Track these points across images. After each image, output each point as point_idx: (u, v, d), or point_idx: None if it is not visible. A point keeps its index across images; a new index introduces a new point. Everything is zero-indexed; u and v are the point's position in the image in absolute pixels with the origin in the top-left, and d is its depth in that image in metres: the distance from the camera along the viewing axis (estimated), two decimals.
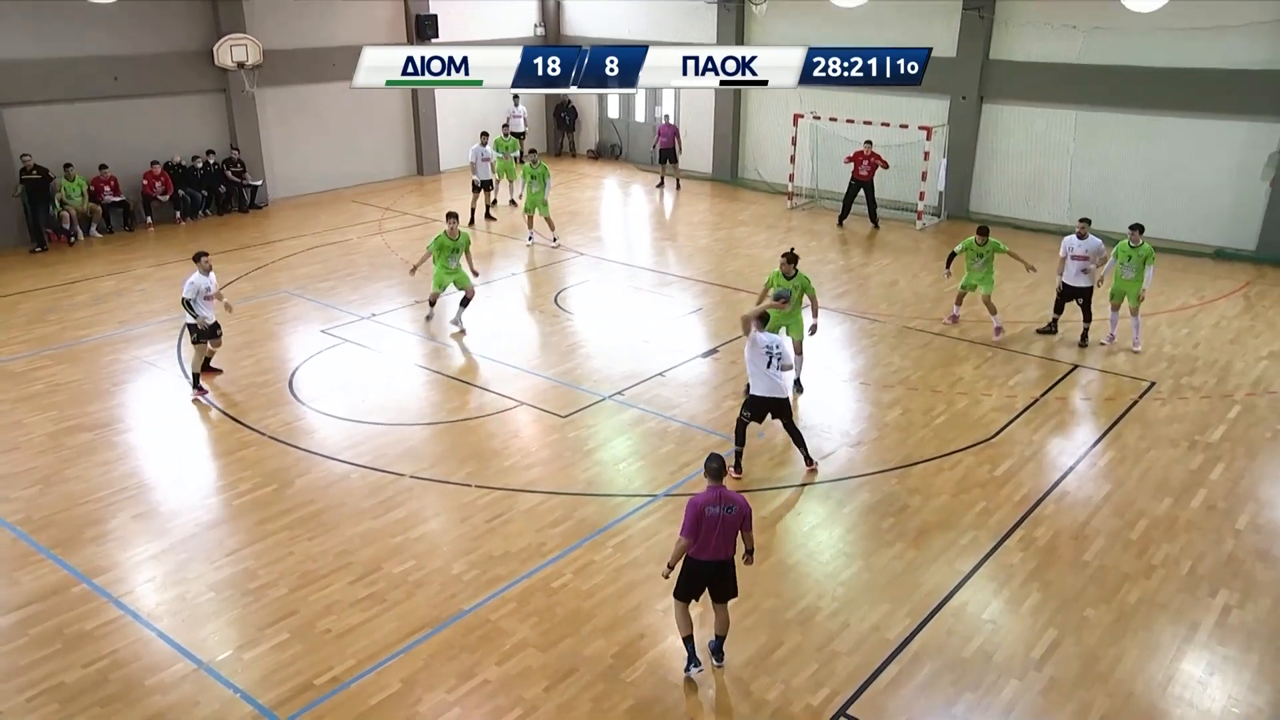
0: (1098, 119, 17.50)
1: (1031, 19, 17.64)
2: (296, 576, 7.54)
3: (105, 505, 8.52)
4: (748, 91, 21.90)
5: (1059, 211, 18.14)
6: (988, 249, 12.46)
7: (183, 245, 16.70)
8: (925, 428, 10.18)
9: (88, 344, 12.21)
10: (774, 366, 8.65)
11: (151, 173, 17.68)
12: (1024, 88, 18.05)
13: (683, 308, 13.91)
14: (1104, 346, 12.31)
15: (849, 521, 8.48)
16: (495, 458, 9.45)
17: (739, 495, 6.29)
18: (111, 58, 17.00)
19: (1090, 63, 17.16)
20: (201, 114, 18.63)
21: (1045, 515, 8.53)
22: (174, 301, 13.56)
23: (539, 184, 16.49)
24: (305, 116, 20.22)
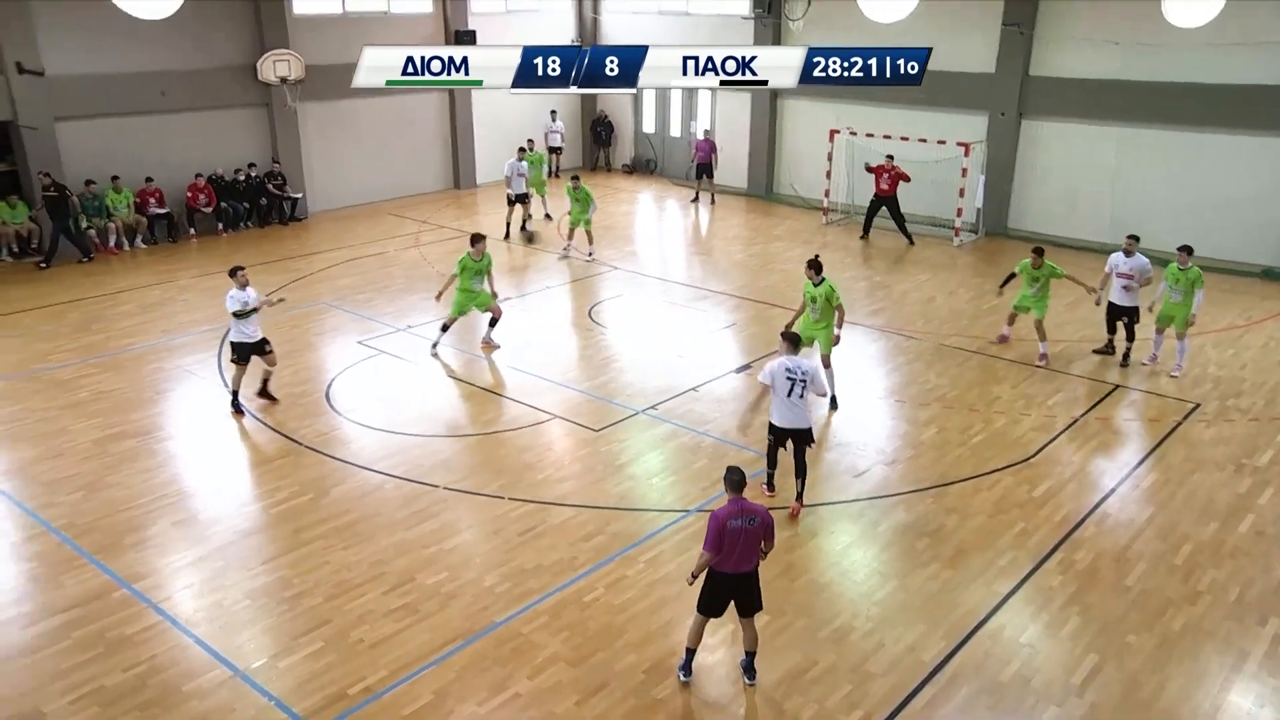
0: (1140, 135, 17.27)
1: (1072, 34, 17.48)
2: (331, 586, 7.62)
3: (146, 512, 8.68)
4: (784, 106, 21.92)
5: (1100, 229, 17.89)
6: (1043, 272, 12.14)
7: (224, 256, 17.02)
8: (962, 446, 10.07)
9: (132, 352, 12.47)
10: (795, 394, 8.23)
11: (195, 185, 18.06)
12: (1064, 104, 17.87)
13: (716, 323, 13.90)
14: (1145, 367, 12.10)
15: (884, 540, 8.40)
16: (528, 471, 9.50)
17: (760, 506, 6.31)
18: (159, 73, 17.42)
19: (1133, 79, 16.96)
20: (244, 128, 19.01)
21: (1086, 538, 8.38)
22: (215, 312, 13.83)
23: (581, 207, 16.56)
24: (345, 130, 20.56)
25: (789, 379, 8.23)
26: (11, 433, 10.19)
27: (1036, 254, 12.24)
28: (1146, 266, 11.96)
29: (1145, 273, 11.95)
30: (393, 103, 21.05)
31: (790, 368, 8.24)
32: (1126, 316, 12.10)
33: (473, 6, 21.97)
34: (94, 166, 16.94)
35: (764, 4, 20.73)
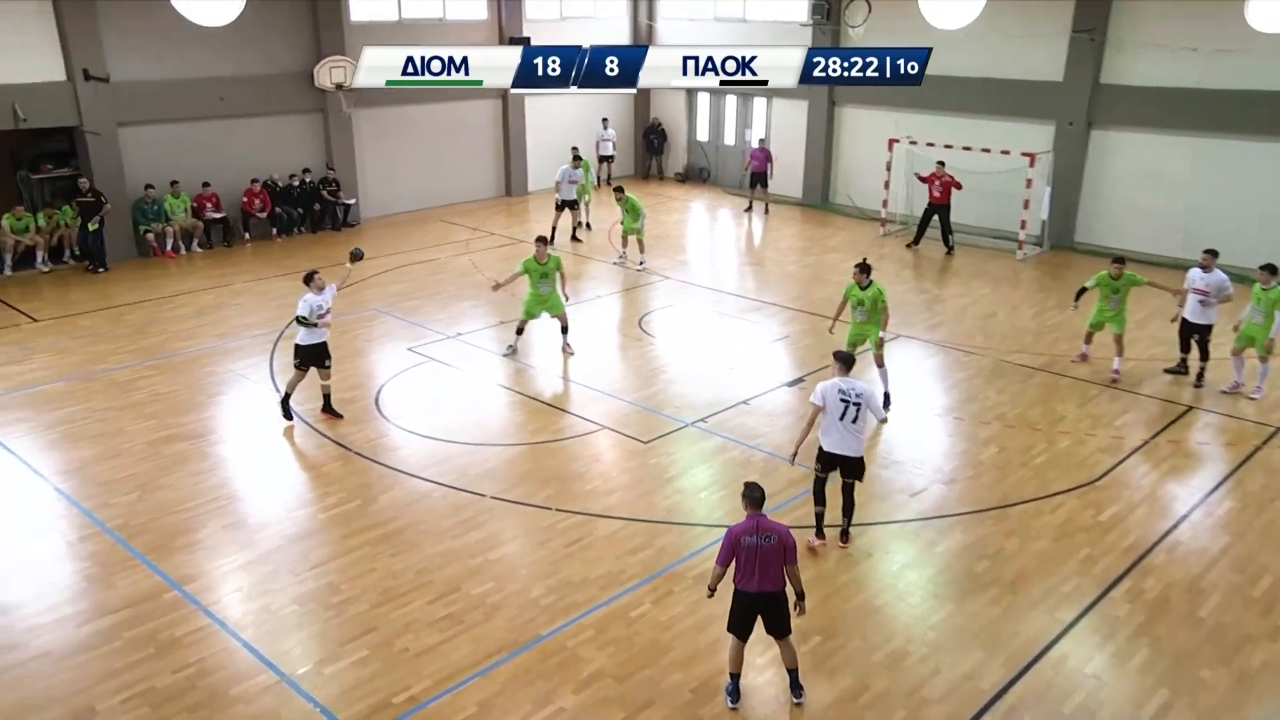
0: (1218, 147, 16.79)
1: (1147, 40, 17.08)
2: (377, 593, 7.72)
3: (196, 514, 8.90)
4: (841, 114, 21.79)
5: (1172, 245, 17.41)
6: (1123, 283, 11.85)
7: (277, 261, 17.42)
8: (1024, 467, 9.86)
9: (186, 355, 12.81)
10: (849, 418, 7.86)
11: (251, 190, 18.53)
12: (1137, 113, 17.46)
13: (769, 335, 13.83)
14: (1227, 394, 11.68)
15: (941, 563, 8.26)
16: (576, 481, 9.53)
17: (780, 525, 6.24)
18: (218, 79, 17.93)
19: (1211, 87, 16.51)
20: (300, 134, 19.47)
21: (1155, 565, 8.15)
22: (268, 316, 14.18)
23: (631, 217, 16.65)
24: (398, 137, 20.93)
25: (843, 401, 7.89)
26: (72, 432, 10.53)
27: (1117, 263, 11.96)
28: (1224, 283, 11.62)
29: (1223, 289, 11.60)
30: (446, 109, 21.39)
31: (844, 389, 7.92)
32: (1199, 334, 11.76)
33: (528, 13, 22.25)
34: (153, 171, 17.49)
35: (822, 10, 20.66)
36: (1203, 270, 11.70)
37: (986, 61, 18.66)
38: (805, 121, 22.18)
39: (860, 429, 7.96)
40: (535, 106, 22.91)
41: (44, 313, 14.46)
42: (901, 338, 13.52)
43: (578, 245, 18.61)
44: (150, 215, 17.43)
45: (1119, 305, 11.99)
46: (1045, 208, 18.17)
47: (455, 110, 21.66)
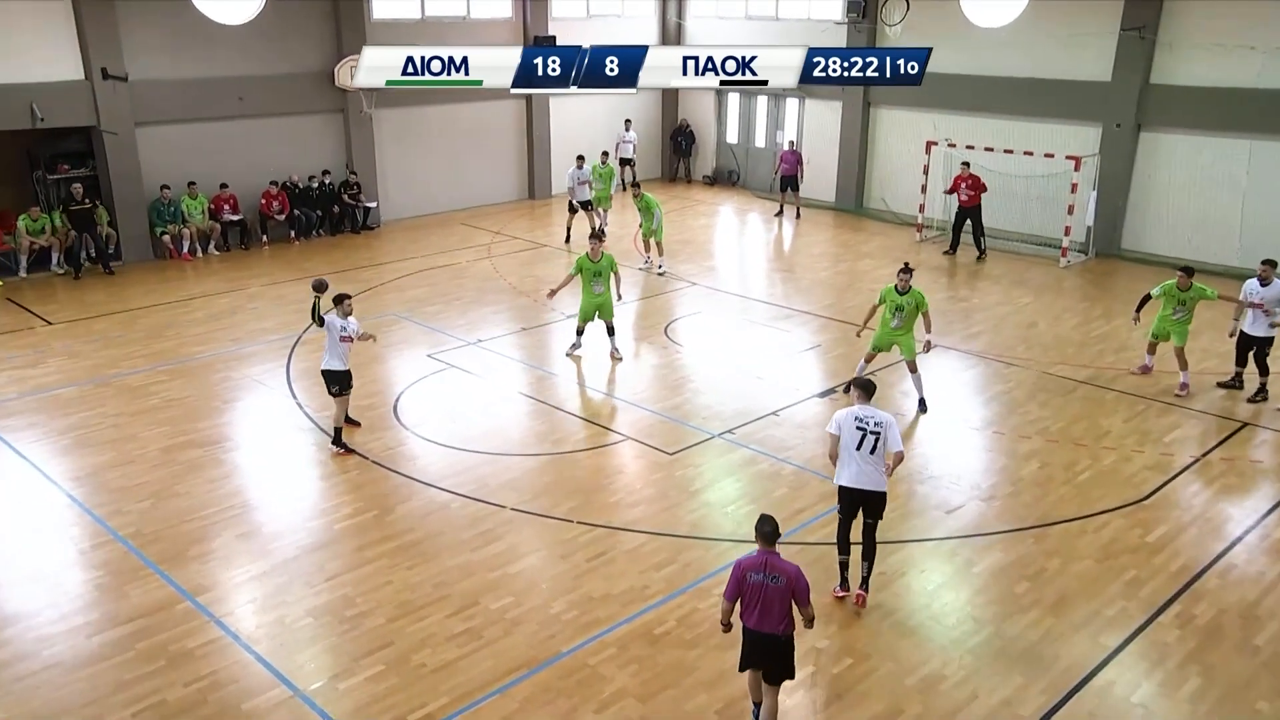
0: (1276, 149, 16.55)
1: (1201, 40, 16.88)
2: (394, 606, 7.76)
3: (210, 523, 9.00)
4: (876, 117, 21.73)
5: (1227, 253, 17.18)
6: (1191, 295, 11.72)
7: (296, 265, 17.61)
8: (1066, 484, 9.75)
9: (201, 360, 12.98)
10: (867, 449, 7.41)
11: (269, 192, 18.76)
12: (1189, 115, 17.26)
13: (800, 343, 13.79)
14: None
15: (978, 583, 8.18)
16: (598, 493, 9.55)
17: (791, 566, 6.00)
18: (237, 78, 18.19)
19: (1269, 86, 16.28)
20: (319, 134, 19.70)
21: (1207, 590, 8.02)
22: (285, 320, 14.33)
23: (645, 217, 16.73)
24: (419, 138, 21.12)
25: (859, 429, 7.43)
26: (84, 439, 10.69)
27: (1185, 274, 11.84)
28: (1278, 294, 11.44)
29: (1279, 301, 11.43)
30: (468, 110, 21.56)
31: (861, 417, 7.45)
32: (1258, 347, 11.59)
33: (554, 11, 22.39)
34: (171, 172, 17.76)
35: (858, 8, 20.62)
36: (1261, 282, 11.53)
37: (1030, 61, 18.54)
38: (839, 123, 22.14)
39: (880, 461, 7.48)
40: (559, 107, 23.04)
41: (58, 315, 14.71)
42: (938, 348, 13.43)
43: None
44: (166, 217, 17.70)
45: (1185, 316, 11.83)
46: (1091, 213, 18.00)
47: (478, 111, 21.83)
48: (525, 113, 22.75)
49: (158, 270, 17.22)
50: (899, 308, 11.15)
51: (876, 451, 7.45)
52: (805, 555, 8.46)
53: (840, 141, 22.21)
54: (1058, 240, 18.01)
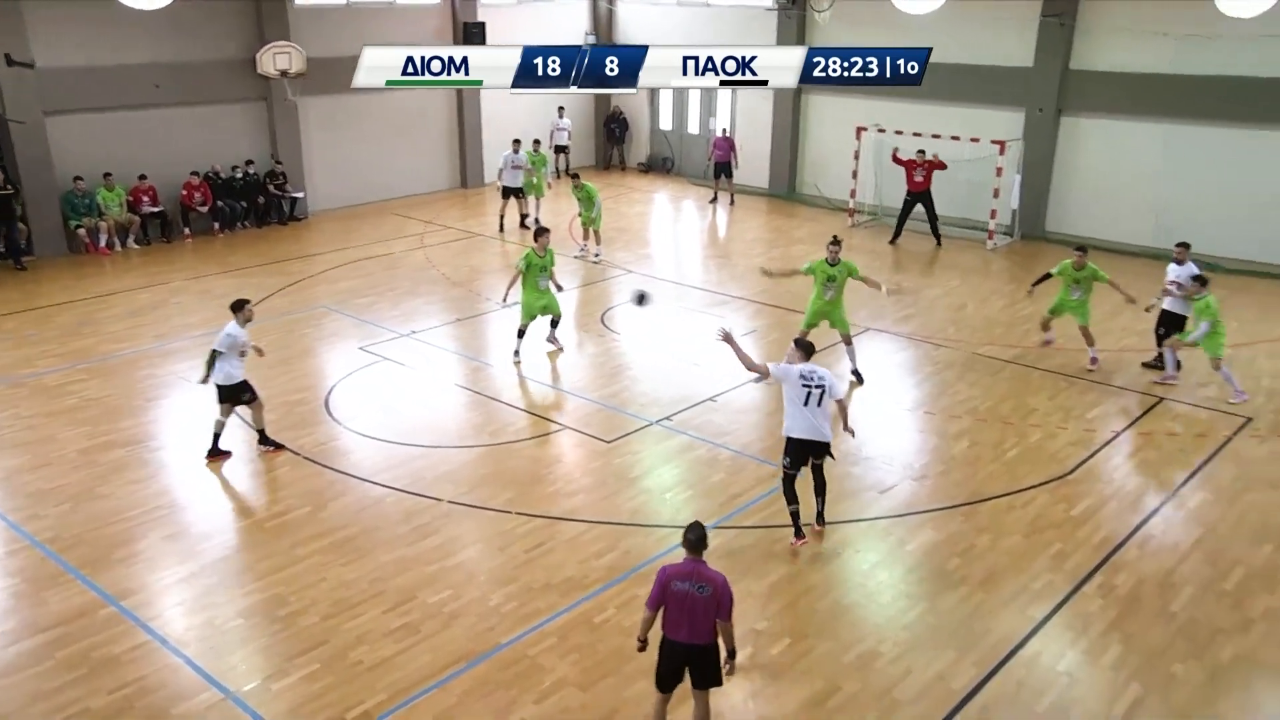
0: (1190, 133, 17.15)
1: (1117, 26, 17.39)
2: (328, 604, 7.64)
3: (135, 525, 8.74)
4: (807, 103, 21.93)
5: (1144, 233, 17.77)
6: (1085, 274, 12.14)
7: (220, 258, 17.16)
8: (995, 462, 10.01)
9: (122, 358, 12.58)
10: (814, 403, 8.09)
11: (190, 183, 18.23)
12: (1107, 99, 17.79)
13: (736, 329, 13.82)
14: (1187, 383, 11.96)
15: (911, 561, 8.35)
16: (536, 484, 9.51)
17: (718, 576, 5.82)
18: (154, 65, 17.60)
19: (1183, 72, 16.84)
20: (242, 123, 19.18)
21: (1127, 560, 8.31)
22: (210, 315, 13.95)
23: (585, 206, 16.64)
24: (348, 127, 20.70)
25: (805, 386, 8.10)
26: None
27: (1080, 252, 12.24)
28: (1191, 275, 11.86)
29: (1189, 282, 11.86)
30: (398, 98, 21.16)
31: (805, 374, 8.12)
32: (1165, 327, 12.02)
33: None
34: (85, 163, 17.12)
35: None
36: (1177, 263, 11.96)
37: (956, 47, 18.84)
38: (771, 110, 22.29)
39: (826, 412, 8.20)
40: (491, 95, 22.76)
41: None
42: (871, 331, 13.66)
43: (526, 234, 18.62)
44: (81, 209, 17.07)
45: (1082, 296, 12.23)
46: (1016, 196, 18.45)
47: (408, 99, 21.45)
48: (456, 100, 22.44)
49: (73, 265, 16.63)
50: (830, 278, 11.44)
51: (822, 404, 8.17)
52: (743, 539, 8.57)
53: (773, 128, 22.37)
54: (985, 223, 18.42)
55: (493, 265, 17.07)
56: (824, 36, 20.61)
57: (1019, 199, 18.50)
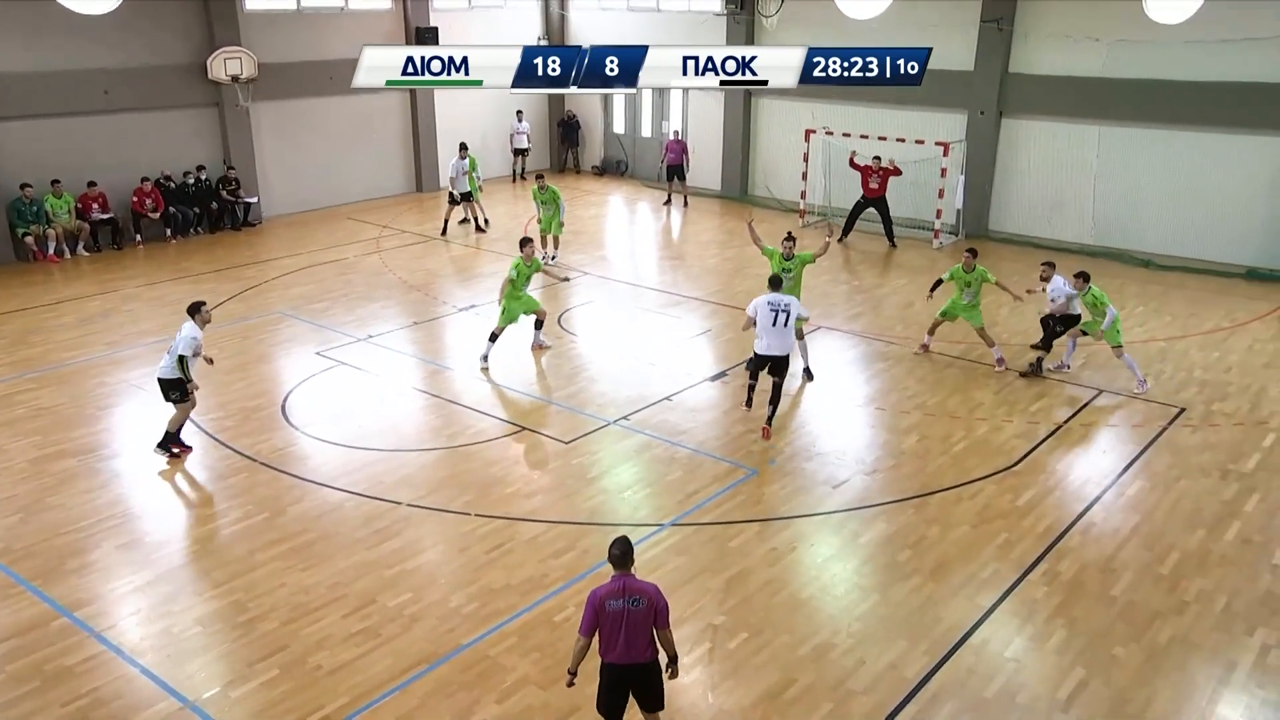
0: (1122, 134, 17.56)
1: (1053, 31, 17.77)
2: (288, 610, 7.53)
3: (88, 535, 8.53)
4: (757, 106, 22.07)
5: (1082, 230, 18.19)
6: (975, 276, 12.23)
7: (173, 264, 16.82)
8: (943, 455, 10.16)
9: (73, 366, 12.27)
10: (780, 323, 10.04)
11: (141, 189, 17.83)
12: (1045, 102, 18.15)
13: (691, 329, 13.93)
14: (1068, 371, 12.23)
15: (864, 553, 8.45)
16: (495, 485, 9.46)
17: (649, 585, 5.64)
18: (102, 70, 17.20)
19: (1114, 76, 17.25)
20: (194, 129, 18.81)
21: (1070, 548, 8.49)
22: (162, 322, 13.68)
23: (552, 209, 16.47)
24: (301, 131, 20.40)
25: (772, 310, 10.09)
26: None
27: (970, 254, 12.37)
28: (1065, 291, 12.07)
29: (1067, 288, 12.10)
30: (351, 103, 20.92)
31: (772, 301, 10.14)
32: (1063, 325, 12.27)
33: (435, 3, 21.93)
34: (32, 169, 16.68)
35: (736, 1, 20.86)
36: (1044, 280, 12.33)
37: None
38: (722, 113, 22.40)
39: (789, 333, 10.19)
40: (445, 98, 22.60)
41: None
42: (822, 329, 13.79)
43: (481, 237, 18.52)
44: (29, 217, 16.61)
45: (973, 299, 12.41)
46: (960, 197, 18.74)
47: (361, 103, 21.21)
48: (410, 103, 22.23)
49: (20, 273, 16.18)
50: (786, 270, 11.65)
51: (787, 325, 10.14)
52: (700, 535, 8.59)
53: (724, 131, 22.48)
54: (930, 223, 18.69)
55: (449, 269, 16.95)
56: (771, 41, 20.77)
57: (963, 199, 18.80)
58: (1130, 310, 14.61)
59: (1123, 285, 15.86)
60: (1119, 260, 17.33)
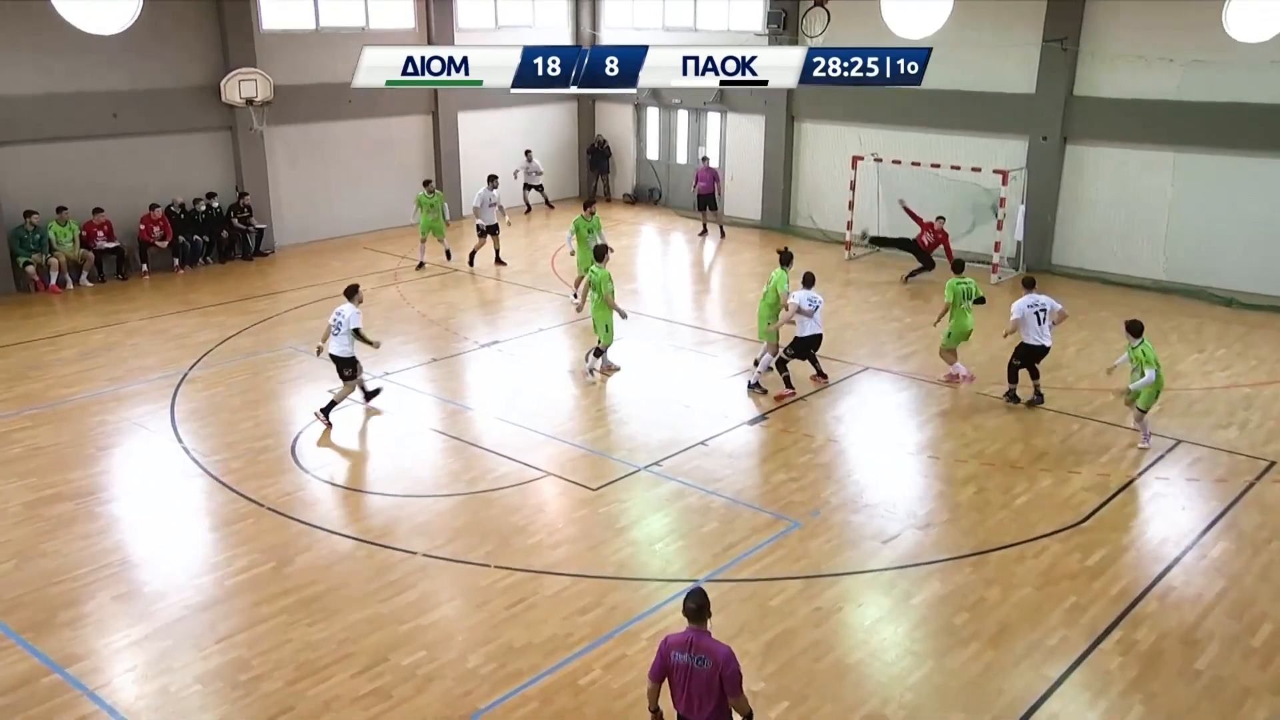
0: (1199, 162, 17.41)
1: (1122, 51, 17.72)
2: (293, 667, 7.53)
3: (83, 584, 8.61)
4: (800, 132, 22.20)
5: (1154, 265, 17.99)
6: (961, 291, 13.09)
7: (180, 295, 17.12)
8: (1004, 509, 10.01)
9: (73, 403, 12.48)
10: (818, 315, 12.50)
11: (150, 216, 18.22)
12: (1113, 127, 18.07)
13: (728, 368, 13.92)
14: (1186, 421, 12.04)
15: (917, 616, 8.31)
16: (517, 535, 9.44)
17: (720, 648, 5.56)
18: (111, 93, 17.68)
19: (1191, 99, 17.14)
20: (205, 154, 19.26)
21: (1147, 614, 8.29)
22: (168, 357, 13.92)
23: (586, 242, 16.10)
24: (317, 157, 20.82)
25: (812, 305, 12.43)
26: None
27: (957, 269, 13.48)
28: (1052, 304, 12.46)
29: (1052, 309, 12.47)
30: (370, 128, 21.35)
31: (812, 297, 12.46)
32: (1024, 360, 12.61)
33: (460, 21, 22.38)
34: (37, 196, 17.12)
35: (779, 19, 21.09)
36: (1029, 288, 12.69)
37: (955, 73, 19.15)
38: (762, 138, 22.55)
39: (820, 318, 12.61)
40: (470, 122, 23.00)
41: None
42: (870, 370, 13.71)
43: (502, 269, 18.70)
44: (31, 245, 17.02)
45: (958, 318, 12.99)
46: (1020, 228, 18.65)
47: (381, 127, 21.64)
48: (433, 129, 22.63)
49: (21, 305, 16.55)
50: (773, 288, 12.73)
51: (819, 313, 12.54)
52: (738, 592, 8.50)
53: (764, 157, 22.62)
54: (989, 256, 18.60)
55: (470, 302, 17.10)
56: None
57: (1023, 231, 18.70)
58: (1210, 354, 14.39)
59: (1201, 325, 15.65)
60: (1196, 298, 17.10)
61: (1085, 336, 15.17)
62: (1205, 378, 13.10)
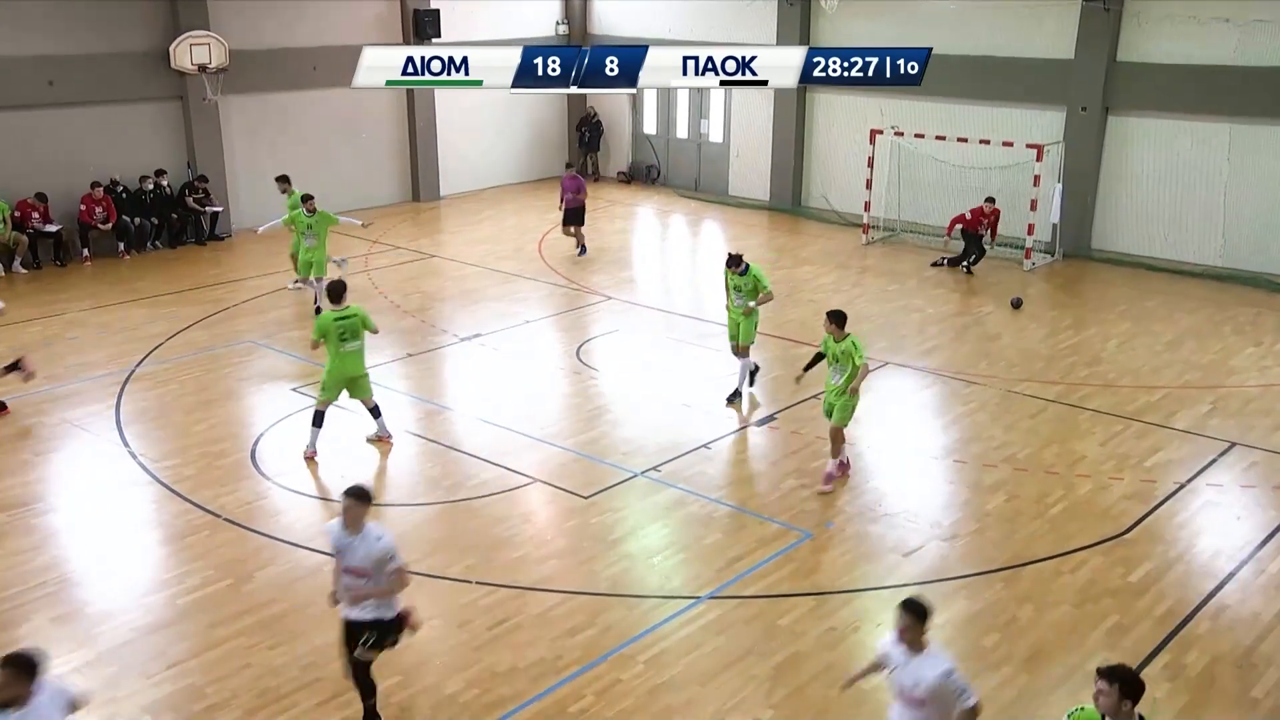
0: (1258, 134, 17.42)
1: (1171, 12, 17.69)
2: (253, 695, 7.55)
3: (16, 605, 8.61)
4: (813, 103, 22.22)
5: (1209, 250, 17.99)
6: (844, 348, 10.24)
7: (126, 284, 17.12)
8: (1038, 519, 10.05)
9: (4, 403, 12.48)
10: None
11: (91, 196, 18.21)
12: (1162, 96, 18.06)
13: (732, 364, 13.93)
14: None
15: (943, 637, 8.30)
16: (502, 548, 9.48)
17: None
18: (46, 58, 17.64)
19: (1250, 64, 17.11)
20: (153, 126, 19.25)
21: (1198, 635, 8.33)
22: (112, 352, 13.92)
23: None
24: (278, 129, 20.79)
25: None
26: None
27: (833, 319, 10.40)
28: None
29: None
30: (336, 98, 21.27)
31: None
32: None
33: None
34: None
35: None
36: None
37: (984, 38, 19.20)
38: (771, 110, 22.55)
39: None
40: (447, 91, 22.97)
41: None
42: (890, 365, 13.75)
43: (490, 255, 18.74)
44: None
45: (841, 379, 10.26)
46: (1056, 209, 18.64)
47: (349, 98, 21.51)
48: (406, 99, 22.58)
49: None
50: (737, 289, 12.35)
51: None
52: (744, 610, 8.53)
53: (773, 130, 22.63)
54: (1021, 240, 18.62)
55: (449, 291, 17.12)
56: (829, 27, 20.95)
57: (1060, 212, 18.69)
58: (1268, 347, 14.45)
59: (1259, 315, 15.72)
60: (1253, 285, 17.14)
61: (1129, 329, 15.21)
62: (1263, 374, 13.12)
